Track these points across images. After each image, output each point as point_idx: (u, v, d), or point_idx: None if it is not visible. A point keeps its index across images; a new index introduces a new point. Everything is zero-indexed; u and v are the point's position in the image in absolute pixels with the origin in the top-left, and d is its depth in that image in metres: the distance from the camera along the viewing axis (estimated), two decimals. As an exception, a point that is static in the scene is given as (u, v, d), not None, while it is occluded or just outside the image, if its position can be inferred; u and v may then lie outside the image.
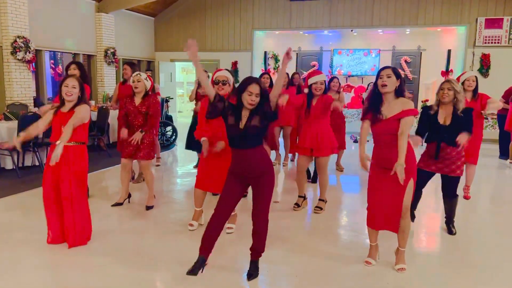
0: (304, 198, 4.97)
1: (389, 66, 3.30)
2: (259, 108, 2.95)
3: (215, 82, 3.94)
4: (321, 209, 4.84)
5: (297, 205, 4.91)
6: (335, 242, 4.10)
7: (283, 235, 4.14)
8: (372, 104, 3.30)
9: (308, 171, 6.00)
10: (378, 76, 3.26)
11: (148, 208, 4.82)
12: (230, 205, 3.13)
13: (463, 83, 4.96)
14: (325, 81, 4.64)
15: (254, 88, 2.92)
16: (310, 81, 4.59)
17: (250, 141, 2.99)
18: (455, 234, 4.18)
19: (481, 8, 10.34)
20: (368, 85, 8.19)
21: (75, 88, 3.55)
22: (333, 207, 5.15)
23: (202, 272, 3.14)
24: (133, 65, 6.09)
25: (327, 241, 4.11)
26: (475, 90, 4.98)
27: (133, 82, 4.67)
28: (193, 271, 3.09)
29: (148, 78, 4.71)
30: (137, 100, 4.69)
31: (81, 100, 3.62)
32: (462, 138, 3.74)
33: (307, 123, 4.67)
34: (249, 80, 2.96)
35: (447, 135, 3.83)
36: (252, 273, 3.19)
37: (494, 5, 10.22)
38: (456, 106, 3.84)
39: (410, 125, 3.15)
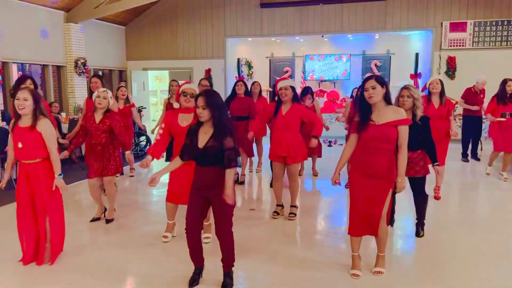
0: (282, 206, 4.96)
1: (372, 76, 3.24)
2: (220, 134, 2.99)
3: (183, 94, 3.90)
4: (295, 215, 4.88)
5: (276, 213, 4.90)
6: (311, 248, 4.14)
7: (259, 243, 4.17)
8: (363, 114, 3.23)
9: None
10: (363, 88, 3.19)
11: (108, 221, 4.74)
12: (197, 215, 3.13)
13: (428, 88, 5.14)
14: (291, 86, 4.53)
15: (199, 101, 3.00)
16: (278, 87, 4.60)
17: (210, 160, 3.03)
18: (422, 236, 4.27)
19: (446, 13, 10.68)
20: (352, 91, 7.87)
21: (26, 100, 3.40)
22: (309, 213, 5.20)
23: (201, 277, 3.31)
24: (101, 77, 6.04)
25: (303, 247, 4.16)
26: (442, 94, 5.14)
27: (98, 97, 4.52)
28: (193, 282, 3.25)
29: (112, 97, 4.64)
30: (98, 117, 4.54)
31: (37, 112, 3.46)
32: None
33: (279, 131, 4.63)
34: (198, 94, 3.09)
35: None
36: (227, 285, 3.20)
37: (457, 9, 10.57)
38: (414, 112, 3.95)
39: (406, 134, 3.19)
